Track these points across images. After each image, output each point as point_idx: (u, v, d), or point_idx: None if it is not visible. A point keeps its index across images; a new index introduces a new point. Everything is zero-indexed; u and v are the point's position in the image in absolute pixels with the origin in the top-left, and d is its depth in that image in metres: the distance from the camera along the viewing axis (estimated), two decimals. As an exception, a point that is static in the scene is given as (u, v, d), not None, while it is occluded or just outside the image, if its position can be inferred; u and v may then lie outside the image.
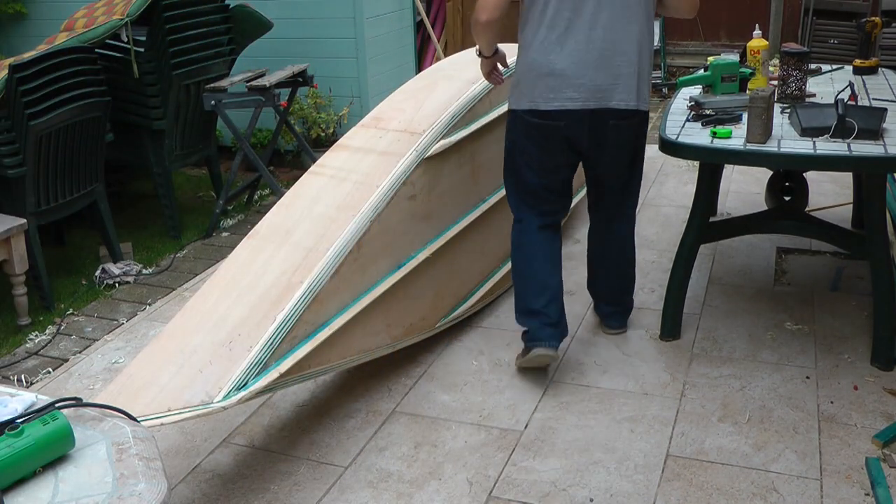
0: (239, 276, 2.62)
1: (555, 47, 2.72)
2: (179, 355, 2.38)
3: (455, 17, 7.09)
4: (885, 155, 2.69)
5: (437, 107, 3.16)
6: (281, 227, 2.75)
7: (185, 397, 2.24)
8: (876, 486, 2.37)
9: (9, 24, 5.92)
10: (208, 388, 2.27)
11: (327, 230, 2.69)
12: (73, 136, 3.80)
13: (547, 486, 2.48)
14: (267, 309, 2.48)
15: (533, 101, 2.79)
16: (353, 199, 2.78)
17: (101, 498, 1.42)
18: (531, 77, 2.77)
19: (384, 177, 2.84)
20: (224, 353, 2.37)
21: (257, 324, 2.44)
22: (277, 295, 2.52)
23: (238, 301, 2.52)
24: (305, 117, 5.25)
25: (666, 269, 3.50)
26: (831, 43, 5.55)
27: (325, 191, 2.85)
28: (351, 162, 2.96)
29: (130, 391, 2.29)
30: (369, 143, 3.03)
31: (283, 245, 2.68)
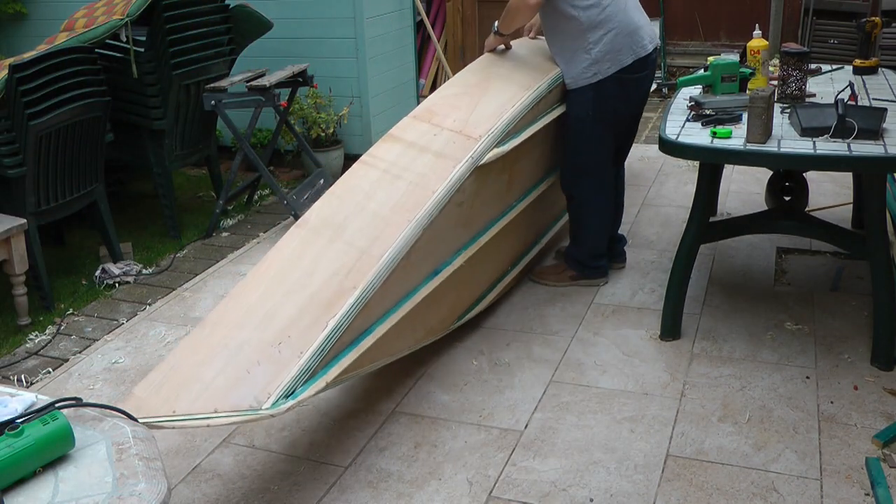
0: (287, 269, 2.51)
1: (627, 7, 3.35)
2: (224, 350, 2.29)
3: (455, 17, 7.09)
4: (885, 155, 2.69)
5: (492, 111, 3.11)
6: (332, 220, 2.64)
7: (232, 399, 2.16)
8: (876, 486, 2.37)
9: (9, 24, 5.92)
10: (256, 391, 2.18)
11: (382, 232, 2.61)
12: (73, 136, 3.80)
13: (547, 486, 2.48)
14: (318, 312, 2.38)
15: (636, 53, 3.35)
16: (409, 202, 2.70)
17: (101, 498, 1.42)
18: (625, 36, 3.32)
19: (440, 182, 2.77)
20: (273, 355, 2.27)
21: (308, 327, 2.35)
22: (329, 298, 2.42)
23: (287, 298, 2.42)
24: (305, 117, 5.25)
25: (666, 269, 3.50)
26: (831, 43, 5.56)
27: (380, 186, 2.76)
28: (405, 158, 2.86)
29: (173, 384, 2.19)
30: (424, 140, 2.93)
31: (335, 241, 2.58)
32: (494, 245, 3.30)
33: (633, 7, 3.41)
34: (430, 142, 2.93)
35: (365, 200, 2.71)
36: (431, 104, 3.13)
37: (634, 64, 3.36)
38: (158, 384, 2.22)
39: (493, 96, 3.21)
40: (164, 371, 2.25)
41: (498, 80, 3.36)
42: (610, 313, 3.49)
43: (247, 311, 2.40)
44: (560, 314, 3.50)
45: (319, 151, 5.24)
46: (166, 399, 2.15)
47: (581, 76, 3.38)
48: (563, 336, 3.33)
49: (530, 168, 3.49)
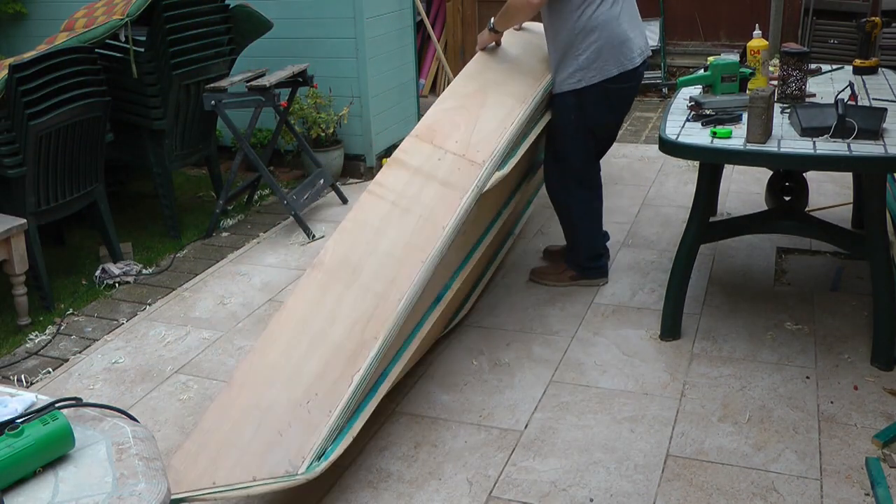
0: (308, 318, 2.53)
1: (620, 18, 3.34)
2: (255, 411, 2.33)
3: (455, 17, 7.09)
4: (885, 155, 2.69)
5: (492, 129, 3.08)
6: (347, 262, 2.64)
7: (268, 465, 2.21)
8: (876, 486, 2.37)
9: (9, 24, 5.92)
10: (291, 455, 2.24)
11: (397, 274, 2.61)
12: (73, 136, 3.80)
13: (547, 486, 2.48)
14: (343, 366, 2.42)
15: (621, 65, 3.35)
16: (420, 240, 2.70)
17: (101, 498, 1.42)
18: (613, 47, 3.32)
19: (448, 216, 2.76)
20: (303, 416, 2.32)
21: (334, 383, 2.39)
22: (352, 350, 2.45)
23: (311, 351, 2.45)
24: (305, 117, 5.25)
25: (666, 269, 3.50)
26: (831, 43, 5.56)
27: (390, 222, 2.74)
28: (412, 187, 2.84)
29: (210, 452, 2.24)
30: (429, 165, 2.91)
31: (352, 286, 2.58)
32: (484, 255, 3.33)
33: (628, 18, 3.39)
34: (435, 167, 2.91)
35: (376, 238, 2.70)
36: (432, 121, 3.08)
37: (619, 76, 3.35)
38: (195, 453, 2.25)
39: (490, 111, 3.17)
40: (199, 439, 2.29)
41: (494, 89, 3.31)
42: (610, 313, 3.49)
43: (273, 368, 2.43)
44: (560, 314, 3.50)
45: (319, 151, 5.24)
46: (205, 469, 2.20)
47: (566, 81, 3.40)
48: (563, 336, 3.33)
49: (517, 174, 3.52)
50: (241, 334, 3.49)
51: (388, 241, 2.69)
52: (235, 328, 3.54)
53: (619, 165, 5.39)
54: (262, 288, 3.92)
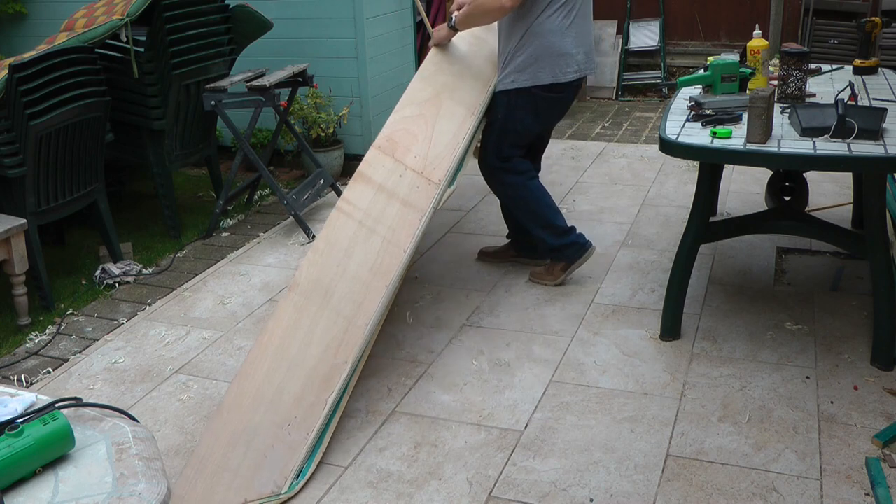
0: (287, 341, 2.72)
1: (567, 32, 3.38)
2: (244, 435, 2.54)
3: (455, 17, 7.08)
4: (885, 155, 2.69)
5: (445, 144, 3.28)
6: (320, 284, 2.83)
7: (256, 486, 2.43)
8: (876, 486, 2.37)
9: (9, 24, 5.92)
10: (275, 476, 2.47)
11: (364, 299, 2.82)
12: (73, 136, 3.80)
13: (547, 486, 2.48)
14: (318, 389, 2.65)
15: (555, 76, 3.40)
16: (384, 264, 2.91)
17: (101, 498, 1.42)
18: (550, 56, 3.37)
19: (408, 239, 2.99)
20: (285, 437, 2.55)
21: (311, 406, 2.61)
22: (326, 374, 2.67)
23: (290, 374, 2.66)
24: (305, 117, 5.25)
25: (666, 269, 3.50)
26: (831, 43, 5.55)
27: (357, 243, 2.94)
28: (377, 206, 3.03)
29: (206, 477, 2.43)
30: (391, 183, 3.10)
31: (325, 308, 2.78)
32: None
33: (575, 34, 3.41)
34: (396, 185, 3.11)
35: (346, 260, 2.90)
36: (392, 131, 3.25)
37: (551, 86, 3.42)
38: (193, 479, 2.44)
39: (445, 121, 3.35)
40: (196, 465, 2.47)
41: (448, 95, 3.46)
42: (610, 313, 3.49)
43: (257, 393, 2.63)
44: (560, 314, 3.50)
45: (319, 151, 5.24)
46: (203, 495, 2.40)
47: (503, 80, 3.48)
48: (563, 336, 3.33)
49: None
50: (241, 334, 3.49)
51: (355, 264, 2.90)
52: (235, 328, 3.54)
53: (619, 165, 5.39)
54: (262, 288, 3.92)
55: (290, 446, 2.52)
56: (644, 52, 7.49)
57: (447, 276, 3.90)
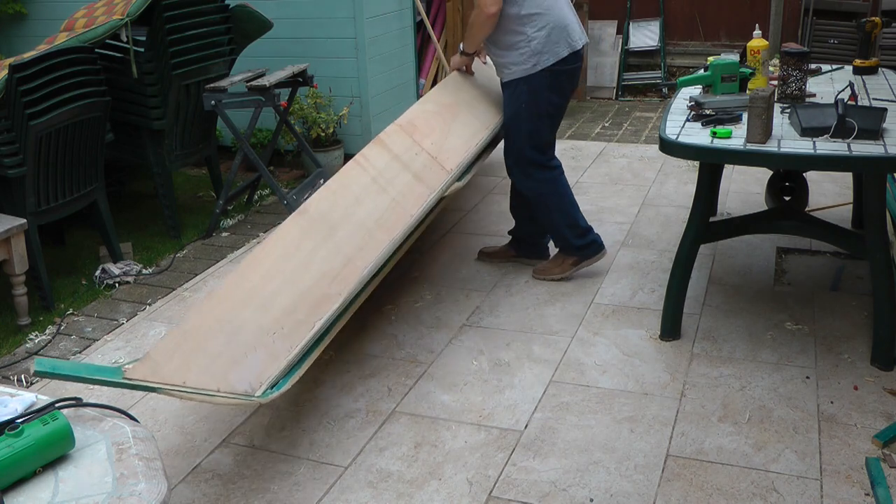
0: (287, 256, 2.75)
1: (558, 3, 3.50)
2: (228, 325, 2.52)
3: (455, 17, 7.09)
4: (885, 155, 2.69)
5: (460, 144, 3.46)
6: (327, 218, 2.89)
7: (231, 380, 2.39)
8: (876, 486, 2.37)
9: (9, 24, 5.92)
10: (251, 378, 2.42)
11: (366, 244, 2.89)
12: (73, 136, 3.80)
13: (547, 486, 2.48)
14: (308, 310, 2.64)
15: (571, 46, 3.49)
16: (390, 220, 3.00)
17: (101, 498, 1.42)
18: (560, 29, 3.47)
19: (416, 206, 3.10)
20: (268, 343, 2.51)
21: (299, 323, 2.60)
22: (318, 299, 2.68)
23: (284, 287, 2.67)
24: (305, 117, 5.25)
25: (666, 269, 3.50)
26: (831, 43, 5.56)
27: (368, 194, 3.02)
28: (391, 170, 3.14)
29: (185, 352, 2.42)
30: (407, 156, 3.23)
31: (328, 241, 2.83)
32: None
33: (565, 3, 3.56)
34: (411, 160, 3.24)
35: (355, 206, 2.97)
36: (413, 117, 3.42)
37: (568, 56, 3.50)
38: (172, 350, 2.42)
39: (461, 126, 3.57)
40: (177, 337, 2.46)
41: (465, 108, 3.68)
42: (610, 313, 3.49)
43: (250, 291, 2.63)
44: (560, 314, 3.50)
45: (319, 151, 5.24)
46: (178, 368, 2.36)
47: (519, 68, 3.51)
48: (563, 336, 3.33)
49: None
50: (241, 334, 3.49)
51: (363, 212, 2.96)
52: (235, 328, 3.54)
53: (619, 165, 5.39)
54: (262, 288, 3.91)
55: (272, 354, 2.49)
56: (644, 52, 7.50)
57: (447, 276, 3.90)
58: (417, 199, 3.12)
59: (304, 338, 2.57)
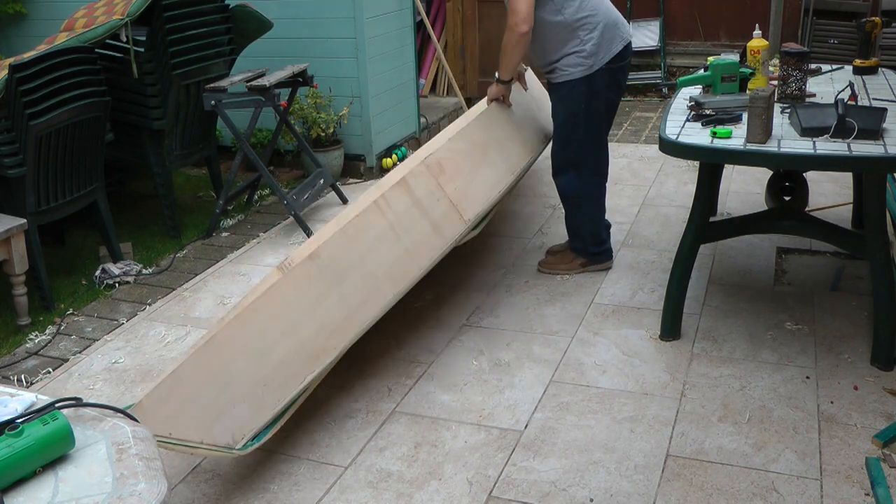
0: (291, 303, 2.68)
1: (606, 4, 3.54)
2: (222, 376, 2.50)
3: (455, 17, 7.09)
4: (885, 155, 2.69)
5: (481, 192, 3.35)
6: (337, 265, 2.80)
7: (215, 432, 2.41)
8: (876, 486, 2.37)
9: (9, 24, 5.92)
10: (234, 429, 2.44)
11: (370, 297, 2.84)
12: (73, 136, 3.80)
13: (547, 486, 2.48)
14: (302, 363, 2.63)
15: (623, 40, 3.53)
16: (399, 272, 2.94)
17: (101, 498, 1.42)
18: (613, 27, 3.49)
19: (427, 260, 3.03)
20: (257, 395, 2.52)
21: (290, 376, 2.59)
22: (314, 351, 2.66)
23: (283, 337, 2.62)
24: (305, 117, 5.25)
25: (666, 269, 3.50)
26: (831, 43, 5.56)
27: (382, 243, 2.93)
28: (409, 217, 3.04)
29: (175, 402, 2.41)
30: (428, 202, 3.12)
31: (334, 290, 2.76)
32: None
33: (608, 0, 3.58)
34: (431, 206, 3.12)
35: (367, 254, 2.88)
36: (442, 156, 3.26)
37: (622, 52, 3.53)
38: (164, 399, 2.40)
39: (488, 169, 3.44)
40: (170, 385, 2.43)
41: (496, 148, 3.56)
42: (610, 313, 3.49)
43: (248, 339, 2.59)
44: (560, 314, 3.50)
45: (319, 151, 5.24)
46: (167, 418, 2.37)
47: (576, 69, 3.49)
48: (563, 336, 3.33)
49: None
50: (241, 334, 3.49)
51: (374, 261, 2.88)
52: (235, 328, 3.54)
53: (619, 165, 5.39)
54: (262, 288, 3.92)
55: (259, 406, 2.50)
56: (644, 52, 7.49)
57: (447, 277, 3.90)
58: (430, 252, 3.05)
59: (292, 392, 2.57)
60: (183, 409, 2.40)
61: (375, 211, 2.95)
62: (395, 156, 5.63)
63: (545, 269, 3.86)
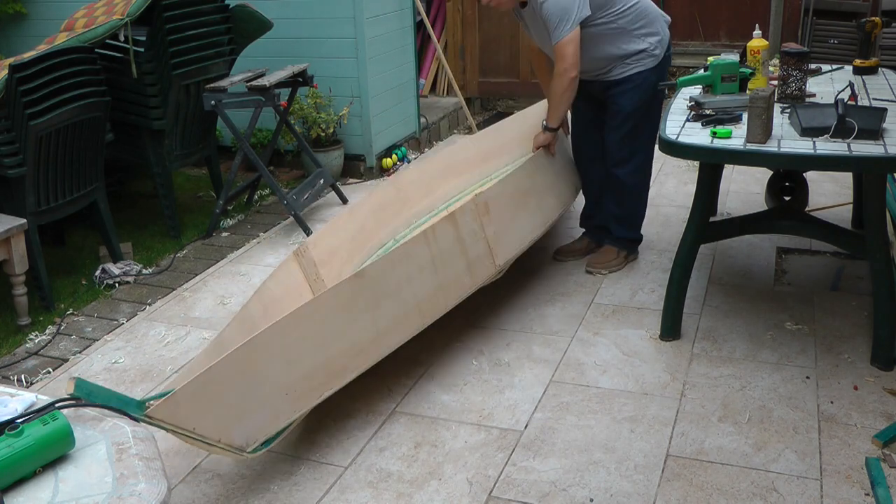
0: (330, 317, 2.68)
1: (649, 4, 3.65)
2: (253, 378, 2.47)
3: (455, 17, 7.09)
4: (885, 155, 2.69)
5: (516, 239, 3.44)
6: (379, 287, 2.82)
7: (233, 434, 2.39)
8: (876, 486, 2.37)
9: (9, 24, 5.92)
10: (250, 433, 2.44)
11: (398, 326, 2.87)
12: (73, 136, 3.80)
13: (547, 486, 2.48)
14: (324, 379, 2.64)
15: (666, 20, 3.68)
16: (428, 307, 2.99)
17: (101, 498, 1.42)
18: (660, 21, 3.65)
19: (454, 299, 3.10)
20: (277, 403, 2.52)
21: (311, 390, 2.61)
22: (336, 370, 2.67)
23: (314, 350, 2.62)
24: (305, 117, 5.25)
25: (666, 269, 3.50)
26: (831, 43, 5.55)
27: (421, 274, 2.97)
28: (450, 254, 3.09)
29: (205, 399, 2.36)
30: (469, 241, 3.17)
31: (370, 312, 2.78)
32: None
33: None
34: (471, 246, 3.19)
35: (406, 283, 2.91)
36: (490, 198, 3.30)
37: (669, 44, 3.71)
38: (195, 394, 2.34)
39: (525, 217, 3.53)
40: (205, 383, 2.36)
41: (535, 197, 3.64)
42: (610, 313, 3.49)
43: (283, 347, 2.55)
44: (560, 314, 3.50)
45: (319, 151, 5.24)
46: (194, 412, 2.33)
47: (647, 60, 3.60)
48: (563, 336, 3.33)
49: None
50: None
51: (410, 291, 2.92)
52: (235, 328, 3.54)
53: (619, 165, 5.39)
54: (262, 288, 3.91)
55: (276, 414, 2.51)
56: (644, 52, 7.48)
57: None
58: (459, 291, 3.13)
59: (309, 404, 2.60)
60: (209, 407, 2.39)
61: (423, 241, 2.99)
62: (394, 156, 5.63)
63: (599, 268, 3.86)
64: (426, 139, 6.24)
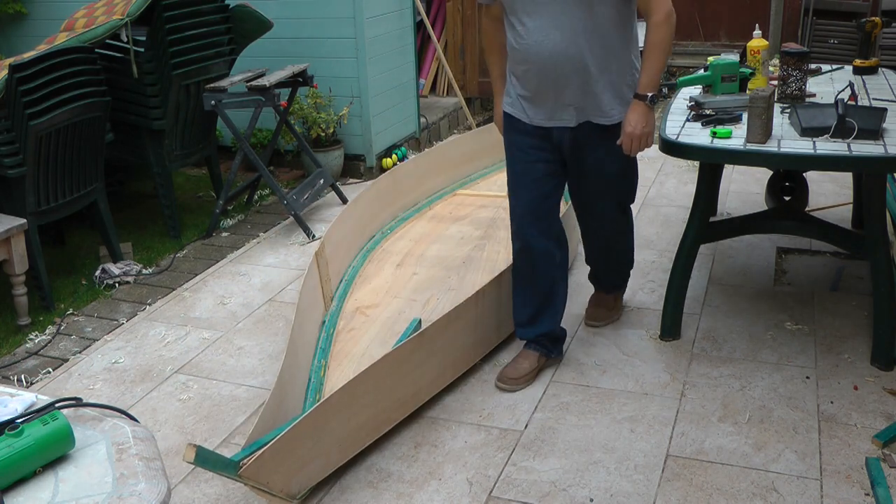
0: (389, 375, 2.66)
1: None
2: (322, 431, 2.47)
3: (455, 17, 7.09)
4: (885, 155, 2.69)
5: None
6: (430, 346, 2.83)
7: (292, 481, 2.40)
8: (876, 486, 2.37)
9: (9, 24, 5.92)
10: (303, 482, 2.45)
11: (433, 381, 2.88)
12: (73, 136, 3.80)
13: (547, 486, 2.48)
14: (370, 430, 2.65)
15: None
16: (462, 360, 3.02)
17: (101, 498, 1.42)
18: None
19: (480, 355, 3.14)
20: (331, 453, 2.52)
21: (358, 441, 2.61)
22: (380, 421, 2.68)
23: (370, 403, 2.62)
24: (305, 117, 5.25)
25: (666, 269, 3.50)
26: (831, 43, 5.55)
27: (464, 332, 3.00)
28: (489, 312, 3.12)
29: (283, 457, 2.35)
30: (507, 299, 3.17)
31: (420, 367, 2.79)
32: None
33: None
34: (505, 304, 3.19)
35: (450, 341, 2.92)
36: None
37: None
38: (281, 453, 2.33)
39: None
40: (289, 442, 2.34)
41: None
42: (610, 313, 3.49)
43: (349, 400, 2.55)
44: (560, 314, 3.50)
45: (319, 151, 5.24)
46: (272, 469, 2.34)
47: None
48: (563, 336, 3.32)
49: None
50: (241, 334, 3.49)
51: (452, 348, 2.95)
52: (235, 328, 3.54)
53: (619, 165, 5.39)
54: (261, 288, 3.92)
55: (327, 463, 2.52)
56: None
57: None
58: (486, 347, 3.17)
59: (353, 453, 2.61)
60: (285, 460, 2.40)
61: (473, 302, 3.00)
62: (395, 156, 5.63)
63: (600, 322, 3.39)
64: (426, 139, 6.24)
